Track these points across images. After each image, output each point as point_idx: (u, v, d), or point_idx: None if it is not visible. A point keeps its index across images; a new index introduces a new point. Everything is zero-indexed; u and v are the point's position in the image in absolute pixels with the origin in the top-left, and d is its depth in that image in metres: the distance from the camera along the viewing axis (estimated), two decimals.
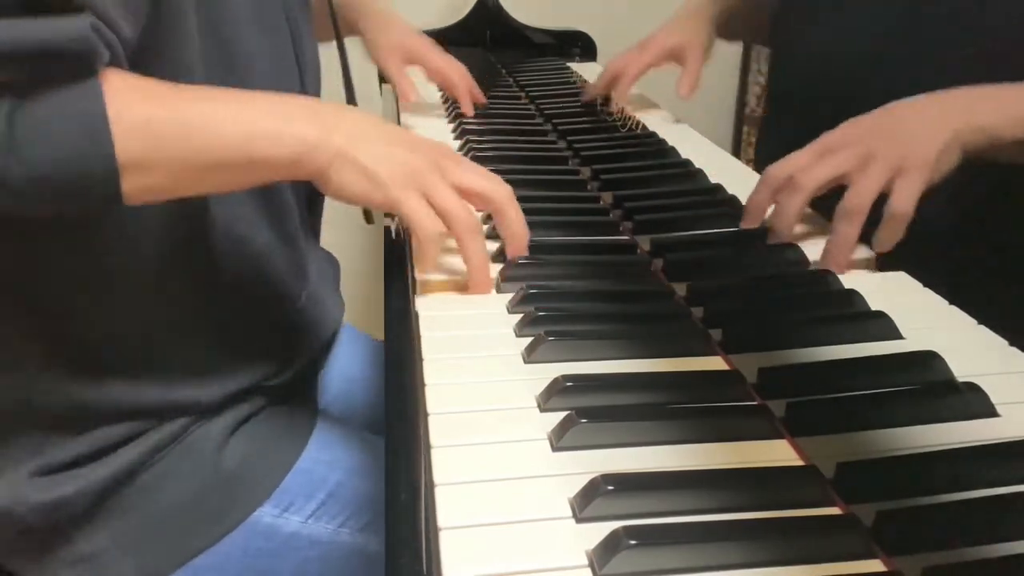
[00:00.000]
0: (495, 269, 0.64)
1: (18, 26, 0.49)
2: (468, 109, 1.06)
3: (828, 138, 0.69)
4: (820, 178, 0.66)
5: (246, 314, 0.72)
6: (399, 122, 1.09)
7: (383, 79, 1.49)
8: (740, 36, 1.13)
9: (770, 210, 0.71)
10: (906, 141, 0.64)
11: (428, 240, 0.59)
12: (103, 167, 0.52)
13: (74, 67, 0.51)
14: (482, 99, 1.10)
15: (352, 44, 1.02)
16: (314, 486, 0.73)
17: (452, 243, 0.62)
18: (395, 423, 0.50)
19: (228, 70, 0.65)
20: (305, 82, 0.77)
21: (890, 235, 0.64)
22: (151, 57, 0.58)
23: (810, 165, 0.67)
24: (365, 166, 0.58)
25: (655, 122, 1.09)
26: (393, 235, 0.75)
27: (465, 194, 0.62)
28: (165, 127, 0.54)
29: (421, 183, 0.59)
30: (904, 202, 0.63)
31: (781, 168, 0.69)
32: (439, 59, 1.07)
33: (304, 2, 0.80)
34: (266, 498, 0.70)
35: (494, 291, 0.63)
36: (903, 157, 0.63)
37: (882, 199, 0.64)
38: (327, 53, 0.88)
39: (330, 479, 0.74)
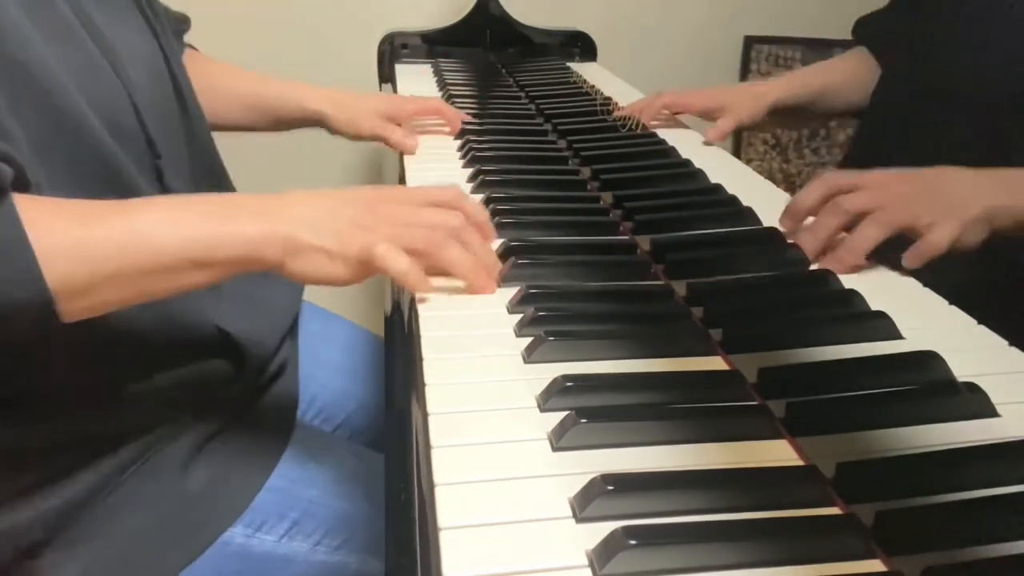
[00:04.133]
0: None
1: None
2: (456, 127, 1.03)
3: (876, 177, 0.69)
4: (893, 226, 0.66)
5: (150, 342, 0.66)
6: None
7: (382, 80, 1.49)
8: (800, 125, 1.15)
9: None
10: (950, 201, 0.67)
11: (406, 275, 0.58)
12: (35, 296, 0.49)
13: None
14: (464, 117, 1.07)
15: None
16: (287, 504, 0.71)
17: None
18: (395, 423, 0.50)
19: None
20: (119, 71, 0.66)
21: (919, 254, 0.65)
22: None
23: (885, 205, 0.67)
24: (315, 245, 0.57)
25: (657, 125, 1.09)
26: None
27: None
28: (97, 247, 0.52)
29: (378, 233, 0.58)
30: (939, 236, 0.65)
31: (853, 201, 0.68)
32: (412, 105, 1.04)
33: None
34: (237, 518, 0.69)
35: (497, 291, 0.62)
36: (941, 212, 0.66)
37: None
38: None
39: (304, 496, 0.73)
